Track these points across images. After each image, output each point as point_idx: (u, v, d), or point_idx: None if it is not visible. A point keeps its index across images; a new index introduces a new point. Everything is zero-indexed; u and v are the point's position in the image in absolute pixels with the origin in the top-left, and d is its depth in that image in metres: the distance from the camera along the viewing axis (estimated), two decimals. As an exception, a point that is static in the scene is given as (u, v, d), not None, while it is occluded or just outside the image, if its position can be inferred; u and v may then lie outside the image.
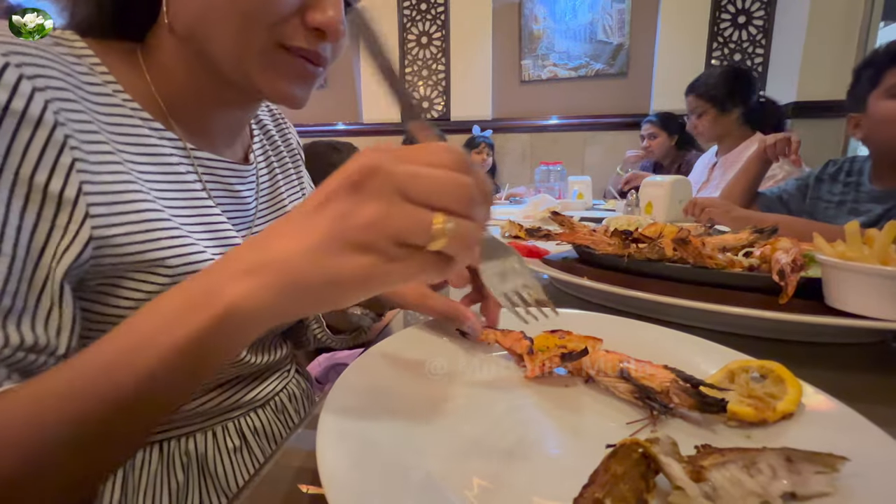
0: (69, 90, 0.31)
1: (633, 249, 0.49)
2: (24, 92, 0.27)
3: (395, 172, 0.21)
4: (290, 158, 0.55)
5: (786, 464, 0.20)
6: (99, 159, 0.31)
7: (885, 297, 0.36)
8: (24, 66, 0.28)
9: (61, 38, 0.35)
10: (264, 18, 0.33)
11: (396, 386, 0.29)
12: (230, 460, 0.45)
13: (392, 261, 0.21)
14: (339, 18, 0.34)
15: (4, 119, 0.26)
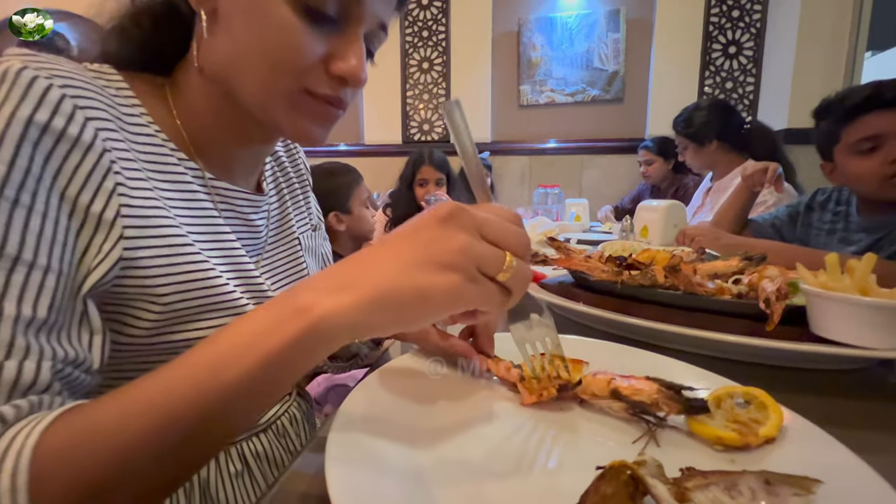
0: (111, 120, 0.34)
1: (626, 276, 0.51)
2: (79, 120, 0.30)
3: (476, 215, 0.25)
4: (298, 182, 0.57)
5: (764, 486, 0.22)
6: (135, 185, 0.33)
7: (864, 325, 0.38)
8: (78, 98, 0.31)
9: (100, 70, 0.38)
10: (292, 67, 0.35)
11: (400, 409, 0.31)
12: (232, 485, 0.46)
13: (472, 282, 0.24)
14: (361, 67, 0.37)
15: (59, 143, 0.29)
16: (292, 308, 0.24)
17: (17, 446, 0.21)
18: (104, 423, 0.23)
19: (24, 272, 0.26)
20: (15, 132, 0.27)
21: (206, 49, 0.38)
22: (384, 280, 0.24)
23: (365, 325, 0.24)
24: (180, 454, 0.24)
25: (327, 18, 0.35)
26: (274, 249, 0.49)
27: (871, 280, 0.41)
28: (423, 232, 0.25)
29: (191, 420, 0.23)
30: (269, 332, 0.23)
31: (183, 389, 0.23)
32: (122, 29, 0.41)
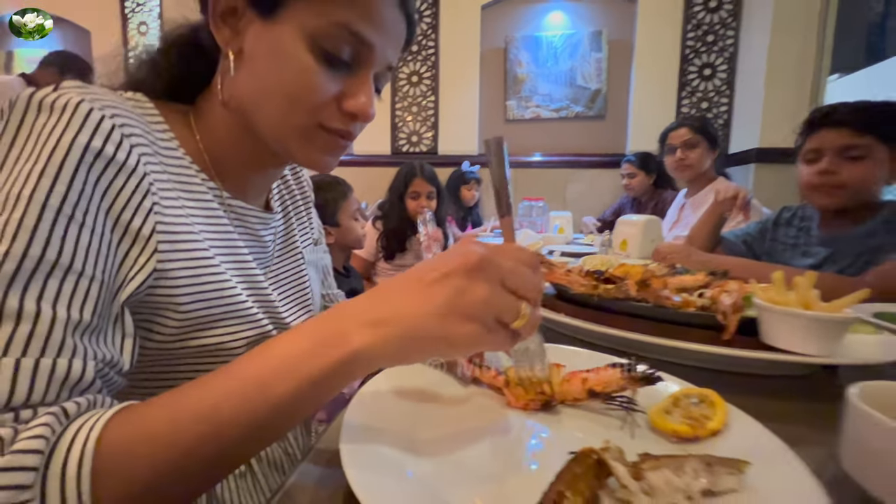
0: (148, 145, 0.37)
1: (602, 289, 0.56)
2: (125, 147, 0.34)
3: (502, 266, 0.29)
4: (301, 200, 0.61)
5: (705, 467, 0.26)
6: (167, 204, 0.37)
7: (806, 335, 0.44)
8: (124, 127, 0.35)
9: (135, 99, 0.42)
10: (308, 104, 0.40)
11: (401, 410, 0.35)
12: (236, 485, 0.48)
13: (489, 332, 0.28)
14: (370, 104, 0.41)
15: (109, 167, 0.32)
16: (333, 336, 0.28)
17: (83, 438, 0.24)
18: (158, 429, 0.26)
19: (74, 280, 0.29)
20: (74, 157, 0.30)
21: (229, 84, 0.42)
22: (416, 323, 0.27)
23: (394, 358, 0.29)
24: (228, 459, 0.27)
25: (341, 62, 0.40)
26: (280, 263, 0.53)
27: (814, 295, 0.47)
28: (453, 279, 0.28)
29: (240, 430, 0.26)
30: (312, 357, 0.27)
31: (233, 402, 0.26)
32: (153, 62, 0.46)
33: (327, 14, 0.38)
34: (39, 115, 0.31)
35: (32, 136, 0.31)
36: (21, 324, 0.26)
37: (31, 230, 0.27)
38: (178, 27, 0.48)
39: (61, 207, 0.29)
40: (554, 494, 0.23)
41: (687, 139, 1.70)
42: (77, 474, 0.23)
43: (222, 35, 0.41)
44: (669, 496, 0.25)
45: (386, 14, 0.40)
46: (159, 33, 0.48)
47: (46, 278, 0.28)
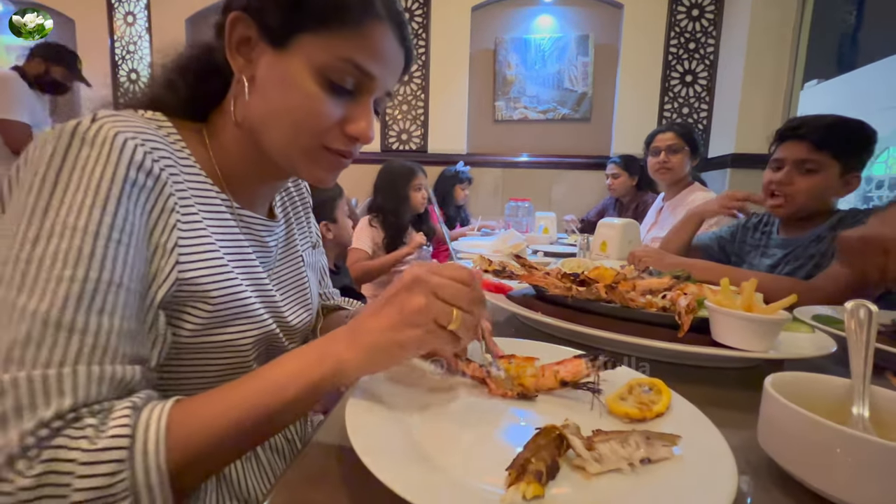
0: (174, 164, 0.42)
1: (575, 291, 0.62)
2: (155, 172, 0.39)
3: (431, 281, 0.36)
4: (301, 205, 0.66)
5: (645, 440, 0.32)
6: (187, 218, 0.42)
7: (748, 334, 0.50)
8: (154, 151, 0.40)
9: (155, 118, 0.47)
10: (314, 128, 0.45)
11: (397, 394, 0.40)
12: (242, 467, 0.53)
13: (430, 333, 0.35)
14: (370, 127, 0.47)
15: (142, 192, 0.38)
16: (325, 354, 0.37)
17: (154, 425, 0.32)
18: (204, 415, 0.34)
19: (124, 295, 0.35)
20: (117, 189, 0.36)
21: (242, 106, 0.46)
22: (375, 338, 0.36)
23: (367, 367, 0.37)
24: (252, 438, 0.37)
25: (345, 91, 0.45)
26: (282, 266, 0.58)
27: (756, 298, 0.53)
28: (396, 298, 0.36)
29: (261, 420, 0.35)
30: (310, 369, 0.36)
31: (256, 400, 0.35)
32: (170, 82, 0.50)
33: (333, 48, 0.43)
34: (83, 147, 0.36)
35: (77, 168, 0.35)
36: (87, 336, 0.32)
37: (88, 257, 0.33)
38: (194, 48, 0.52)
39: (110, 234, 0.35)
40: (521, 460, 0.29)
41: (671, 143, 1.77)
42: (156, 450, 0.31)
43: (237, 63, 0.45)
44: (615, 463, 0.31)
45: (387, 48, 0.45)
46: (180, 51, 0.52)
47: (105, 295, 0.34)
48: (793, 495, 0.33)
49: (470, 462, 0.32)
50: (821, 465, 0.32)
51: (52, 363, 0.31)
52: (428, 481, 0.28)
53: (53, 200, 0.34)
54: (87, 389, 0.31)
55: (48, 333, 0.31)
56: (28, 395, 0.29)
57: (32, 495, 0.28)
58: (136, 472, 0.30)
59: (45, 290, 0.32)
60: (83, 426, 0.30)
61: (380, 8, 0.44)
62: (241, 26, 0.44)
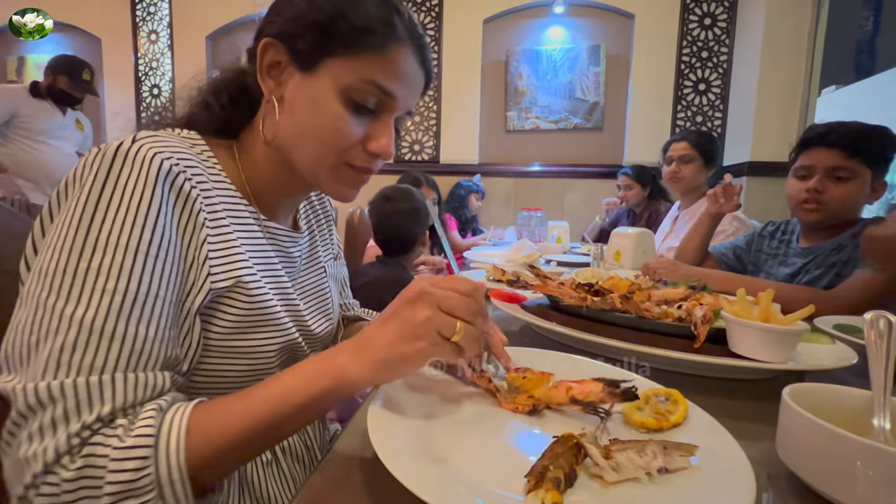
0: (206, 182, 0.45)
1: (590, 301, 0.63)
2: (186, 189, 0.41)
3: (435, 294, 0.37)
4: (324, 217, 0.69)
5: (662, 450, 0.33)
6: (216, 232, 0.44)
7: (765, 345, 0.50)
8: (187, 170, 0.42)
9: (188, 137, 0.49)
10: (338, 146, 0.47)
11: (415, 402, 0.41)
12: (263, 472, 0.55)
13: (434, 345, 0.37)
14: (391, 144, 0.49)
15: (175, 208, 0.40)
16: (328, 367, 0.38)
17: (177, 426, 0.34)
18: (221, 417, 0.36)
19: (161, 306, 0.38)
20: (155, 208, 0.38)
21: (271, 125, 0.49)
22: (380, 354, 0.37)
23: (373, 379, 0.38)
24: (264, 440, 0.38)
25: (367, 110, 0.47)
26: (305, 276, 0.60)
27: (774, 308, 0.53)
28: (400, 312, 0.37)
29: (270, 425, 0.37)
30: (317, 379, 0.37)
31: (266, 406, 0.37)
32: (206, 103, 0.53)
33: (357, 71, 0.45)
34: (124, 166, 0.39)
35: (119, 186, 0.38)
36: (126, 344, 0.35)
37: (129, 271, 0.36)
38: (227, 71, 0.55)
39: (148, 250, 0.37)
40: (540, 468, 0.29)
41: (684, 154, 1.77)
42: (177, 449, 0.33)
43: (267, 85, 0.48)
44: (632, 472, 0.31)
45: (408, 70, 0.47)
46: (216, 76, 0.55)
47: (142, 306, 0.36)
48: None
49: (489, 469, 0.33)
50: (842, 478, 0.32)
51: (95, 369, 0.34)
52: (448, 486, 0.29)
53: (97, 217, 0.37)
54: (123, 395, 0.35)
55: (92, 340, 0.34)
56: (74, 400, 0.33)
57: (74, 486, 0.32)
58: (159, 468, 0.32)
59: (90, 300, 0.35)
60: (115, 426, 0.34)
61: (402, 32, 0.46)
62: (273, 51, 0.47)
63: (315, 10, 0.46)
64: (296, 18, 0.46)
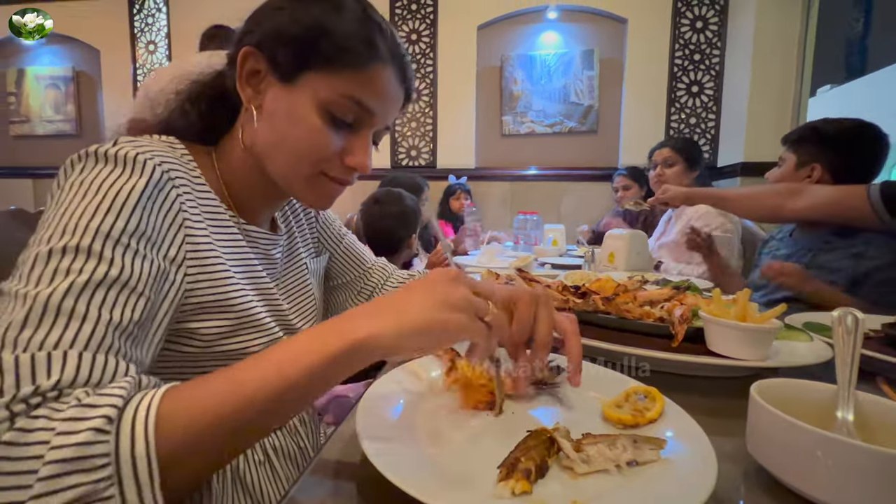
0: (187, 185, 0.46)
1: (572, 303, 0.64)
2: (167, 189, 0.42)
3: (470, 279, 0.38)
4: (304, 218, 0.69)
5: (632, 444, 0.34)
6: (195, 233, 0.45)
7: (740, 343, 0.52)
8: (170, 171, 0.43)
9: (169, 142, 0.50)
10: (315, 158, 0.48)
11: (401, 402, 0.43)
12: (256, 471, 0.56)
13: (472, 320, 0.36)
14: (369, 159, 0.50)
15: (154, 204, 0.41)
16: (340, 329, 0.33)
17: (147, 400, 0.29)
18: (197, 398, 0.31)
19: (126, 294, 0.36)
20: (133, 199, 0.38)
21: (250, 132, 0.50)
22: (419, 314, 0.34)
23: (398, 347, 0.34)
24: (250, 427, 0.32)
25: (346, 125, 0.48)
26: (286, 275, 0.62)
27: (751, 308, 0.55)
28: (440, 285, 0.36)
29: (258, 405, 0.31)
30: (322, 346, 0.32)
31: (255, 383, 0.31)
32: (183, 110, 0.54)
33: (337, 86, 0.46)
34: (106, 164, 0.40)
35: (97, 180, 0.38)
36: (86, 324, 0.32)
37: (98, 255, 0.35)
38: (206, 75, 0.56)
39: (119, 238, 0.36)
40: (512, 459, 0.31)
41: (666, 157, 1.83)
42: (144, 420, 0.28)
43: (245, 93, 0.49)
44: (602, 464, 0.33)
45: (388, 88, 0.48)
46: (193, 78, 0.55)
47: (108, 291, 0.34)
48: (783, 499, 0.34)
49: (470, 462, 0.34)
50: (804, 469, 0.33)
51: (45, 346, 0.30)
52: (434, 481, 0.31)
53: (70, 206, 0.37)
54: (75, 371, 0.30)
55: (46, 318, 0.31)
56: (13, 376, 0.28)
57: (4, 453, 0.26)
58: (120, 441, 0.27)
59: (52, 280, 0.32)
60: (66, 400, 0.28)
61: (384, 52, 0.47)
62: (253, 60, 0.48)
63: (297, 24, 0.46)
64: (277, 30, 0.47)
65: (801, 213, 1.08)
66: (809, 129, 1.20)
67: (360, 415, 0.36)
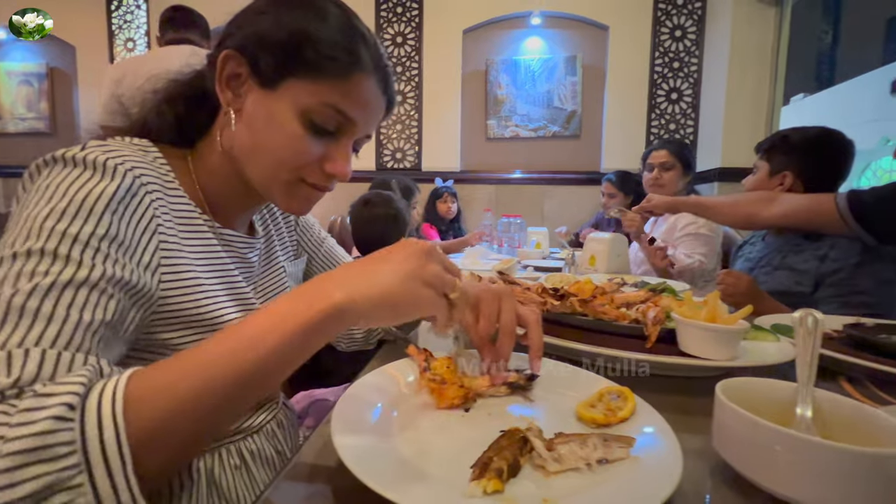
0: (158, 190, 0.45)
1: (549, 305, 0.65)
2: (140, 194, 0.41)
3: (440, 255, 0.39)
4: (283, 221, 0.69)
5: (603, 442, 0.35)
6: (168, 239, 0.44)
7: (709, 343, 0.54)
8: (141, 176, 0.42)
9: (141, 145, 0.49)
10: (294, 164, 0.48)
11: (377, 404, 0.43)
12: (232, 476, 0.55)
13: (439, 298, 0.38)
14: (348, 167, 0.50)
15: (126, 211, 0.40)
16: (316, 295, 0.33)
17: (112, 387, 0.28)
18: (164, 379, 0.30)
19: (101, 298, 0.35)
20: (102, 202, 0.38)
21: (228, 136, 0.49)
22: (390, 286, 0.34)
23: (368, 316, 0.34)
24: (221, 408, 0.31)
25: (327, 132, 0.48)
26: (264, 278, 0.61)
27: (721, 309, 0.57)
28: (414, 259, 0.37)
29: (230, 381, 0.30)
30: (297, 313, 0.32)
31: (226, 358, 0.31)
32: (160, 112, 0.53)
33: (319, 94, 0.46)
34: (74, 168, 0.39)
35: (64, 184, 0.37)
36: (52, 324, 0.31)
37: (65, 257, 0.34)
38: (184, 75, 0.54)
39: (88, 241, 0.36)
40: (485, 458, 0.32)
41: (664, 161, 1.82)
42: (111, 400, 0.27)
43: (225, 96, 0.48)
44: (573, 462, 0.34)
45: (370, 98, 0.48)
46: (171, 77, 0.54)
47: (76, 292, 0.33)
48: (746, 494, 0.35)
49: (445, 462, 0.35)
50: (764, 464, 0.35)
51: (8, 345, 0.29)
52: (403, 480, 0.31)
53: (36, 209, 0.36)
54: (37, 368, 0.29)
55: (10, 319, 0.30)
56: None
57: None
58: (86, 426, 0.26)
59: (16, 282, 0.32)
60: (25, 395, 0.28)
61: (367, 62, 0.47)
62: (233, 63, 0.47)
63: (281, 29, 0.46)
64: (260, 35, 0.46)
65: (774, 220, 1.12)
66: (780, 138, 1.24)
67: (335, 418, 0.37)
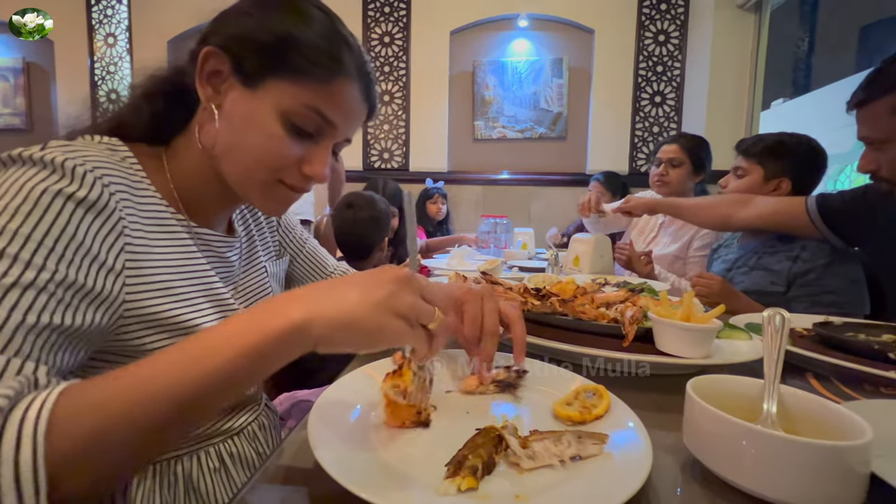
0: (125, 191, 0.43)
1: (530, 305, 0.66)
2: (105, 196, 0.40)
3: (421, 283, 0.37)
4: (264, 219, 0.68)
5: (577, 439, 0.36)
6: (136, 241, 0.43)
7: (683, 342, 0.55)
8: (104, 177, 0.40)
9: (110, 143, 0.48)
10: (272, 165, 0.47)
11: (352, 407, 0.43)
12: (211, 479, 0.55)
13: (412, 328, 0.35)
14: (326, 169, 0.49)
15: (88, 212, 0.38)
16: (273, 312, 0.31)
17: (39, 403, 0.27)
18: (95, 396, 0.28)
19: (49, 301, 0.34)
20: (59, 202, 0.36)
21: (207, 133, 0.48)
22: (355, 311, 0.32)
23: (330, 340, 0.32)
24: (157, 430, 0.29)
25: (306, 134, 0.47)
26: (245, 278, 0.60)
27: (696, 308, 0.58)
28: (388, 285, 0.34)
29: (168, 402, 0.28)
30: (250, 331, 0.30)
31: (167, 376, 0.29)
32: (136, 108, 0.51)
33: (301, 97, 0.46)
34: (32, 167, 0.37)
35: (19, 182, 0.36)
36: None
37: (13, 256, 0.33)
38: (163, 71, 0.53)
39: (42, 241, 0.34)
40: (459, 456, 0.32)
41: (672, 157, 1.70)
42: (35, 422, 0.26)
43: (205, 92, 0.47)
44: (547, 459, 0.34)
45: (351, 103, 0.49)
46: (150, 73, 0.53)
47: (22, 294, 0.32)
48: (715, 489, 0.36)
49: (421, 461, 0.35)
50: (731, 458, 0.36)
51: None
52: (378, 480, 0.31)
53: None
54: None
55: None
56: None
57: None
58: (3, 446, 0.25)
59: None
60: None
61: (350, 67, 0.47)
62: (215, 60, 0.47)
63: (265, 31, 0.46)
64: (244, 35, 0.46)
65: (749, 222, 1.15)
66: (775, 143, 1.21)
67: (312, 419, 0.37)
